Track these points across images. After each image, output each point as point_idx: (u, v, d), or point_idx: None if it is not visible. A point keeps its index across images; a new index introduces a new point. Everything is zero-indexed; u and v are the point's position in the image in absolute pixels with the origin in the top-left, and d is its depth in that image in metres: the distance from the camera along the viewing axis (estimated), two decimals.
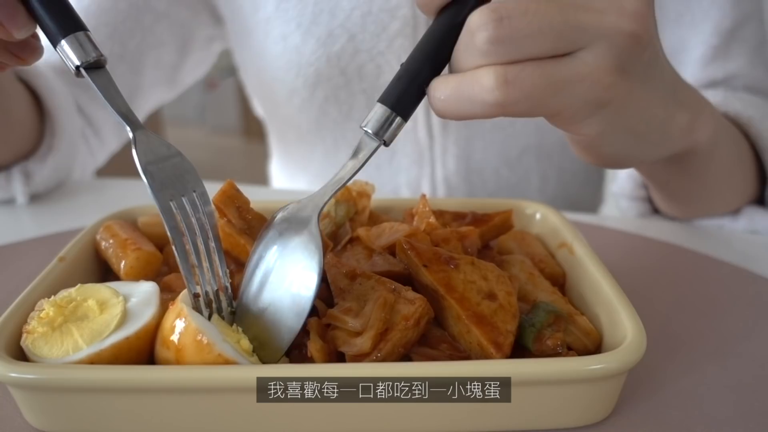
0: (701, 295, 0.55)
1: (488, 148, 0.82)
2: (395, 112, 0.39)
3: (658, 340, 0.47)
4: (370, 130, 0.39)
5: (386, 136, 0.39)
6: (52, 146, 0.75)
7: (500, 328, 0.40)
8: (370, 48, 0.76)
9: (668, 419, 0.40)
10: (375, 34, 0.75)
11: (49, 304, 0.40)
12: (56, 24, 0.41)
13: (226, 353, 0.37)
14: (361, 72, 0.78)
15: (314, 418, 0.38)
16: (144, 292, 0.42)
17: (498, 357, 0.39)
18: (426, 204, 0.50)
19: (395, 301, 0.40)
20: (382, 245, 0.47)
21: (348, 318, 0.40)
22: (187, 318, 0.37)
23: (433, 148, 0.82)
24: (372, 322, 0.39)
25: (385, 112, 0.39)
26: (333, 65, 0.78)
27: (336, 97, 0.80)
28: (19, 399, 0.38)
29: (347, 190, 0.52)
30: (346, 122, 0.83)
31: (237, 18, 0.83)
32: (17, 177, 0.74)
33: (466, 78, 0.37)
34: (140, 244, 0.49)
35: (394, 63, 0.76)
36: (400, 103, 0.39)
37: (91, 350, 0.38)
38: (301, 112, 0.83)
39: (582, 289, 0.47)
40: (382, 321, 0.39)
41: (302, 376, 0.36)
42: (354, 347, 0.38)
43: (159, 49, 0.85)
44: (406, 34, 0.74)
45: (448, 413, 0.38)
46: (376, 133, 0.39)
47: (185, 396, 0.37)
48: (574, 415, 0.39)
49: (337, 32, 0.75)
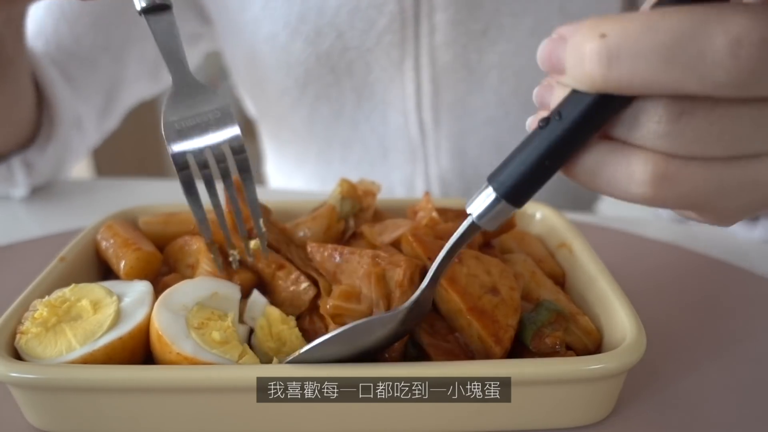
0: (701, 295, 0.55)
1: (483, 143, 0.82)
2: (509, 202, 0.32)
3: (658, 340, 0.47)
4: (473, 215, 0.34)
5: (489, 222, 0.33)
6: (51, 135, 0.75)
7: (501, 322, 0.40)
8: (358, 45, 0.75)
9: (668, 419, 0.40)
10: (363, 31, 0.74)
11: (42, 305, 0.40)
12: None
13: (185, 351, 0.37)
14: (351, 69, 0.77)
15: (314, 418, 0.38)
16: (138, 292, 0.42)
17: (497, 350, 0.39)
18: (429, 201, 0.51)
19: (384, 270, 0.41)
20: (386, 242, 0.47)
21: (352, 305, 0.41)
22: (154, 316, 0.39)
23: (426, 144, 0.81)
24: (376, 301, 0.40)
25: (500, 204, 0.32)
26: (322, 64, 0.77)
27: (327, 95, 0.80)
28: (19, 399, 0.38)
29: (353, 187, 0.53)
30: (338, 120, 0.82)
31: (224, 17, 0.83)
32: (18, 167, 0.74)
33: (615, 155, 0.29)
34: (140, 244, 0.49)
35: (382, 59, 0.76)
36: (514, 190, 0.31)
37: (84, 350, 0.38)
38: (292, 112, 0.83)
39: (582, 289, 0.47)
40: (384, 297, 0.40)
41: (302, 376, 0.36)
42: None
43: (143, 42, 0.84)
44: (393, 30, 0.74)
45: (448, 413, 0.38)
46: (479, 217, 0.33)
47: (185, 396, 0.37)
48: (574, 415, 0.39)
49: (325, 30, 0.75)
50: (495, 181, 0.32)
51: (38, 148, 0.75)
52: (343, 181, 0.53)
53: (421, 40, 0.74)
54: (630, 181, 0.29)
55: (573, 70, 0.27)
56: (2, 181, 0.74)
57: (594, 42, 0.25)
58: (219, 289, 0.42)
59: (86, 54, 0.80)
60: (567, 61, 0.27)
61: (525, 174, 0.31)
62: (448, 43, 0.74)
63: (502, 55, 0.76)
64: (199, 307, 0.41)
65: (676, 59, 0.23)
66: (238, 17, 0.80)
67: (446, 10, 0.72)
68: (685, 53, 0.23)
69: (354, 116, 0.81)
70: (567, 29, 0.27)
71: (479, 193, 0.33)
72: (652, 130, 0.27)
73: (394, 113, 0.80)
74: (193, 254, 0.47)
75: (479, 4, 0.73)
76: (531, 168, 0.30)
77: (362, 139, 0.83)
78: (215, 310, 0.42)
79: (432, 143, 0.81)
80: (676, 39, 0.23)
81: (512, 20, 0.74)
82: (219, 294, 0.42)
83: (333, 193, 0.52)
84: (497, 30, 0.74)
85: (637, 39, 0.24)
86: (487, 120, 0.80)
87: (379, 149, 0.83)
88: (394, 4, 0.73)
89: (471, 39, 0.74)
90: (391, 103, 0.79)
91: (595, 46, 0.25)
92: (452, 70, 0.76)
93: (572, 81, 0.27)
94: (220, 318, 0.41)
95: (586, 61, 0.25)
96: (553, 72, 0.28)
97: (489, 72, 0.77)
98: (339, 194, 0.52)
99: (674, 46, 0.23)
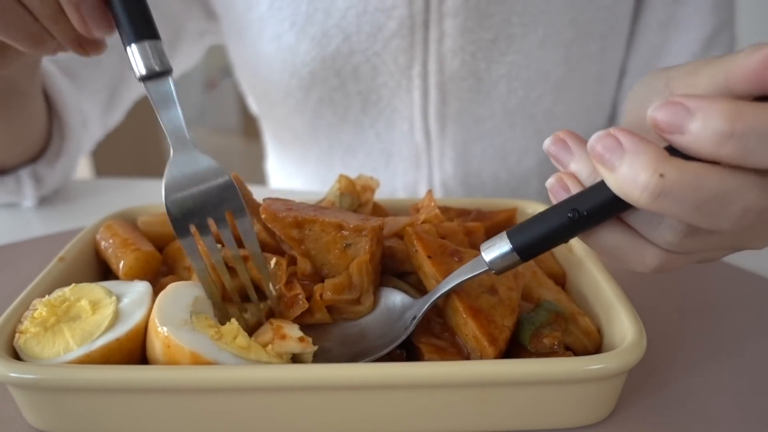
0: (701, 295, 0.55)
1: (487, 152, 0.82)
2: (520, 257, 0.37)
3: (658, 340, 0.47)
4: (486, 260, 0.38)
5: (498, 268, 0.38)
6: (61, 150, 0.76)
7: (497, 322, 0.40)
8: (365, 48, 0.75)
9: (668, 419, 0.40)
10: (371, 35, 0.74)
11: (42, 304, 0.40)
12: (131, 28, 0.42)
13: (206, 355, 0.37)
14: (357, 73, 0.77)
15: (312, 417, 0.38)
16: (137, 292, 0.42)
17: (491, 350, 0.39)
18: (432, 199, 0.51)
19: (352, 242, 0.43)
20: (385, 235, 0.47)
21: (345, 295, 0.43)
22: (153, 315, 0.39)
23: (431, 151, 0.81)
24: (366, 287, 0.43)
25: (511, 255, 0.37)
26: (328, 66, 0.77)
27: (331, 98, 0.80)
28: (19, 399, 0.38)
29: (351, 183, 0.53)
30: (341, 124, 0.82)
31: (230, 15, 0.82)
32: (27, 181, 0.74)
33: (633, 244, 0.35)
34: (139, 244, 0.48)
35: (390, 64, 0.75)
36: (528, 250, 0.36)
37: (82, 351, 0.38)
38: (295, 114, 0.83)
39: (582, 289, 0.47)
40: (369, 282, 0.43)
41: (302, 375, 0.36)
42: (360, 312, 0.43)
43: None
44: (402, 35, 0.73)
45: (447, 413, 0.38)
46: (490, 263, 0.38)
47: (185, 396, 0.37)
48: (574, 415, 0.39)
49: (332, 32, 0.74)
50: (513, 236, 0.37)
51: (47, 162, 0.75)
52: (341, 176, 0.53)
53: (430, 46, 0.74)
54: (640, 264, 0.36)
55: (624, 185, 0.31)
56: (10, 193, 0.75)
57: (653, 178, 0.30)
58: (200, 293, 0.42)
59: None
60: (621, 174, 0.31)
61: (541, 240, 0.36)
62: (457, 50, 0.74)
63: (511, 66, 0.75)
64: (196, 316, 0.40)
65: (704, 209, 0.31)
66: (243, 15, 0.80)
67: (456, 17, 0.72)
68: (711, 208, 0.30)
69: (358, 121, 0.81)
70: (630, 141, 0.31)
71: (496, 241, 0.37)
72: (668, 237, 0.34)
73: (399, 119, 0.79)
74: None
75: (490, 12, 0.72)
76: (549, 239, 0.36)
77: (365, 145, 0.83)
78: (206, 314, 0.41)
79: (436, 150, 0.81)
80: (710, 198, 0.30)
81: (522, 30, 0.74)
82: (200, 298, 0.42)
83: (332, 189, 0.53)
84: (507, 40, 0.74)
85: (684, 191, 0.30)
86: (492, 130, 0.80)
87: (382, 155, 0.83)
88: (404, 8, 0.72)
89: (480, 47, 0.74)
90: (396, 108, 0.79)
91: (652, 183, 0.30)
92: (460, 78, 0.75)
93: (617, 190, 0.32)
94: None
95: (637, 188, 0.31)
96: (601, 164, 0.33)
97: (497, 82, 0.76)
98: (338, 190, 0.52)
99: (707, 203, 0.30)
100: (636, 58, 0.82)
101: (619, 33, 0.79)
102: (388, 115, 0.79)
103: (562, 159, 0.37)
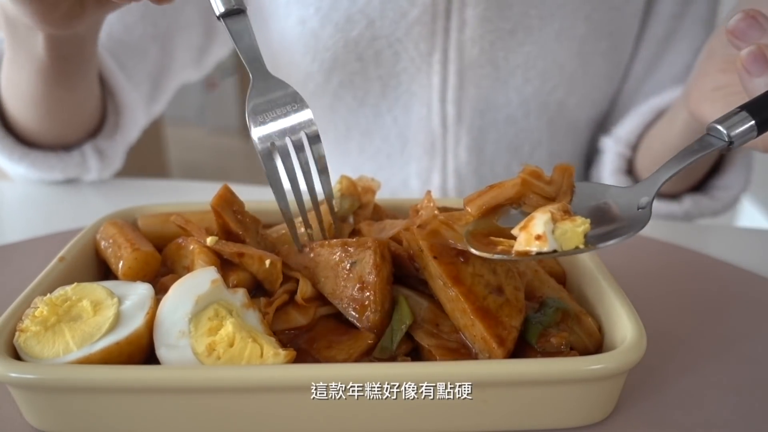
0: (701, 295, 0.55)
1: (500, 141, 0.83)
2: (758, 132, 0.37)
3: (658, 340, 0.47)
4: (724, 130, 0.38)
5: (739, 143, 0.38)
6: (118, 123, 0.79)
7: (505, 323, 0.40)
8: (388, 34, 0.77)
9: (668, 419, 0.40)
10: (394, 21, 0.76)
11: (43, 303, 0.40)
12: None
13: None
14: (378, 58, 0.79)
15: (309, 417, 0.38)
16: (139, 294, 0.42)
17: (500, 351, 0.39)
18: (431, 199, 0.50)
19: (358, 258, 0.43)
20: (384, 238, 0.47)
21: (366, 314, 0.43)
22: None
23: (446, 137, 0.83)
24: (381, 306, 0.42)
25: (751, 129, 0.37)
26: (350, 51, 0.79)
27: (351, 82, 0.81)
28: (19, 399, 0.38)
29: (352, 184, 0.53)
30: (359, 108, 0.83)
31: (255, 1, 0.84)
32: (91, 155, 0.78)
33: None
34: (139, 244, 0.48)
35: (411, 50, 0.77)
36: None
37: (81, 353, 0.38)
38: (314, 97, 0.84)
39: (582, 288, 0.47)
40: (384, 300, 0.43)
41: (301, 375, 0.36)
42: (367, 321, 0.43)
43: (188, 30, 0.86)
44: (424, 22, 0.76)
45: (447, 413, 0.38)
46: (728, 135, 0.38)
47: (185, 396, 0.37)
48: (574, 415, 0.39)
49: (356, 17, 0.77)
50: (753, 110, 0.37)
51: (107, 135, 0.79)
52: (343, 177, 0.53)
53: (451, 34, 0.76)
54: None
55: None
56: (76, 166, 0.79)
57: None
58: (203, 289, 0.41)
59: (136, 43, 0.82)
60: None
61: None
62: (476, 39, 0.76)
63: (528, 56, 0.78)
64: (196, 319, 0.40)
65: None
66: (268, 1, 0.81)
67: (477, 7, 0.74)
68: None
69: (377, 105, 0.83)
70: None
71: (730, 116, 0.37)
72: None
73: (417, 104, 0.81)
74: (189, 255, 0.47)
75: (509, 3, 0.75)
76: None
77: (383, 129, 0.84)
78: (217, 307, 0.40)
79: (452, 137, 0.83)
80: None
81: (539, 23, 0.77)
82: (203, 295, 0.40)
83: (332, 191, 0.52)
84: (525, 31, 0.77)
85: None
86: (507, 119, 0.82)
87: (398, 140, 0.84)
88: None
89: (499, 37, 0.76)
90: (415, 93, 0.81)
91: None
92: (478, 66, 0.78)
93: None
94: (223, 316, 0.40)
95: None
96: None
97: (514, 71, 0.79)
98: (338, 191, 0.52)
99: None
100: (637, 65, 0.85)
101: (627, 34, 0.82)
102: (406, 99, 0.82)
103: (752, 33, 0.38)
